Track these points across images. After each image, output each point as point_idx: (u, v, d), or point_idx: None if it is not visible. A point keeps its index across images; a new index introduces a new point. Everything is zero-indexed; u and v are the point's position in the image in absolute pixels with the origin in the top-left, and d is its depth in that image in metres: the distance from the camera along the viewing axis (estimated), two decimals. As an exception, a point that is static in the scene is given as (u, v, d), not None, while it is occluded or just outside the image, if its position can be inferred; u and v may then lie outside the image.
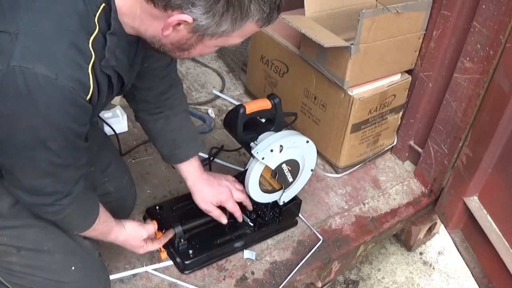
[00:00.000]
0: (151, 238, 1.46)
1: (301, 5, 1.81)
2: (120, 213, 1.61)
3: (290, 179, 1.59)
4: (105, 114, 2.01)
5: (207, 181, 1.54)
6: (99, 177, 1.50)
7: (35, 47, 0.90)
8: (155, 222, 1.49)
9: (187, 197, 1.72)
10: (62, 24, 0.93)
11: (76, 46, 0.94)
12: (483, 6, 1.60)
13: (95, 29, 0.97)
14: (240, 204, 1.64)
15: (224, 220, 1.57)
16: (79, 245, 1.31)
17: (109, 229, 1.33)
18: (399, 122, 2.05)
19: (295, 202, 1.70)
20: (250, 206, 1.62)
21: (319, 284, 1.70)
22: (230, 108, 2.03)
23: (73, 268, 1.28)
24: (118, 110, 2.05)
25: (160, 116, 1.47)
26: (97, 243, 1.39)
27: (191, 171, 1.53)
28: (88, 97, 0.98)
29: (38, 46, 0.90)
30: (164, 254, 1.54)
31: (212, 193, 1.54)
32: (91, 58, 0.96)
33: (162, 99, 1.45)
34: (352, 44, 1.67)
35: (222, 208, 1.58)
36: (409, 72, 1.93)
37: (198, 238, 1.59)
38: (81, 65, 0.94)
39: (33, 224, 1.22)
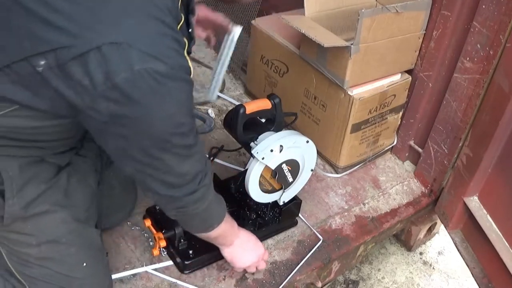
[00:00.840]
0: None
1: (301, 5, 1.81)
2: (121, 210, 1.63)
3: (290, 179, 1.59)
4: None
5: None
6: (104, 167, 1.51)
7: (148, 48, 0.96)
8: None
9: (187, 197, 1.73)
10: (161, 23, 1.00)
11: (175, 38, 1.02)
12: (483, 6, 1.60)
13: (182, 19, 1.10)
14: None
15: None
16: (93, 242, 1.36)
17: (232, 225, 1.43)
18: (399, 122, 2.05)
19: (295, 202, 1.70)
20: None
21: (319, 284, 1.70)
22: (230, 108, 2.03)
23: (84, 264, 1.31)
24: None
25: None
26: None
27: None
28: (191, 76, 1.08)
29: (150, 46, 0.96)
30: (156, 251, 1.54)
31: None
32: (185, 44, 1.08)
33: None
34: (352, 44, 1.67)
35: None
36: (409, 72, 1.93)
37: (198, 238, 1.59)
38: (181, 53, 1.04)
39: (59, 213, 1.24)
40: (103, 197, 1.47)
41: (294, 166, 1.57)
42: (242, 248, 1.47)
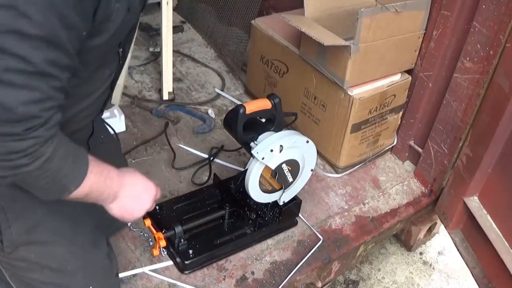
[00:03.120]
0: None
1: (301, 5, 1.81)
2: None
3: (290, 179, 1.59)
4: (103, 114, 2.01)
5: None
6: None
7: None
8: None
9: (187, 197, 1.73)
10: None
11: None
12: (483, 6, 1.59)
13: None
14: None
15: None
16: (100, 265, 1.30)
17: (108, 176, 1.08)
18: (399, 122, 2.05)
19: (295, 202, 1.70)
20: None
21: (319, 284, 1.70)
22: (230, 108, 2.03)
23: (91, 287, 1.26)
24: (116, 110, 2.05)
25: None
26: (116, 262, 1.37)
27: None
28: None
29: None
30: (156, 251, 1.54)
31: None
32: None
33: None
34: (352, 43, 1.67)
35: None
36: (409, 72, 1.93)
37: (198, 238, 1.59)
38: None
39: (63, 241, 1.19)
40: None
41: (294, 166, 1.57)
42: (132, 198, 1.16)
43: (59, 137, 0.95)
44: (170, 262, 1.58)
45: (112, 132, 1.90)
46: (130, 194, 1.15)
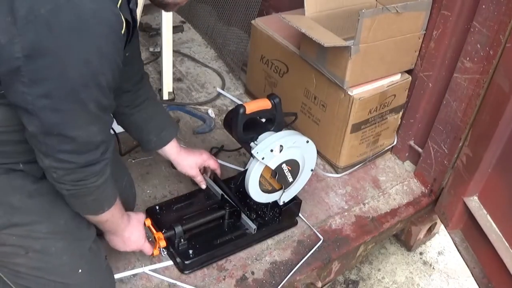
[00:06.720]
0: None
1: (301, 5, 1.81)
2: None
3: (290, 179, 1.59)
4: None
5: (188, 150, 1.71)
6: None
7: None
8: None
9: (187, 197, 1.73)
10: None
11: None
12: (483, 6, 1.60)
13: None
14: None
15: (203, 185, 1.73)
16: (87, 248, 1.31)
17: (122, 212, 1.35)
18: (399, 122, 2.05)
19: (295, 202, 1.70)
20: (218, 170, 1.74)
21: (319, 284, 1.70)
22: (230, 108, 2.03)
23: (80, 270, 1.28)
24: (118, 110, 2.05)
25: (143, 105, 1.54)
26: (103, 245, 1.39)
27: (174, 146, 1.65)
28: (123, 31, 1.03)
29: None
30: (156, 251, 1.53)
31: (195, 157, 1.69)
32: None
33: (140, 87, 1.53)
34: (352, 44, 1.67)
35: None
36: (409, 72, 1.93)
37: (198, 238, 1.59)
38: (115, 2, 1.02)
39: (44, 221, 1.21)
40: None
41: (294, 166, 1.57)
42: (125, 239, 1.42)
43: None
44: (170, 262, 1.58)
45: (112, 132, 1.90)
46: (126, 235, 1.41)
